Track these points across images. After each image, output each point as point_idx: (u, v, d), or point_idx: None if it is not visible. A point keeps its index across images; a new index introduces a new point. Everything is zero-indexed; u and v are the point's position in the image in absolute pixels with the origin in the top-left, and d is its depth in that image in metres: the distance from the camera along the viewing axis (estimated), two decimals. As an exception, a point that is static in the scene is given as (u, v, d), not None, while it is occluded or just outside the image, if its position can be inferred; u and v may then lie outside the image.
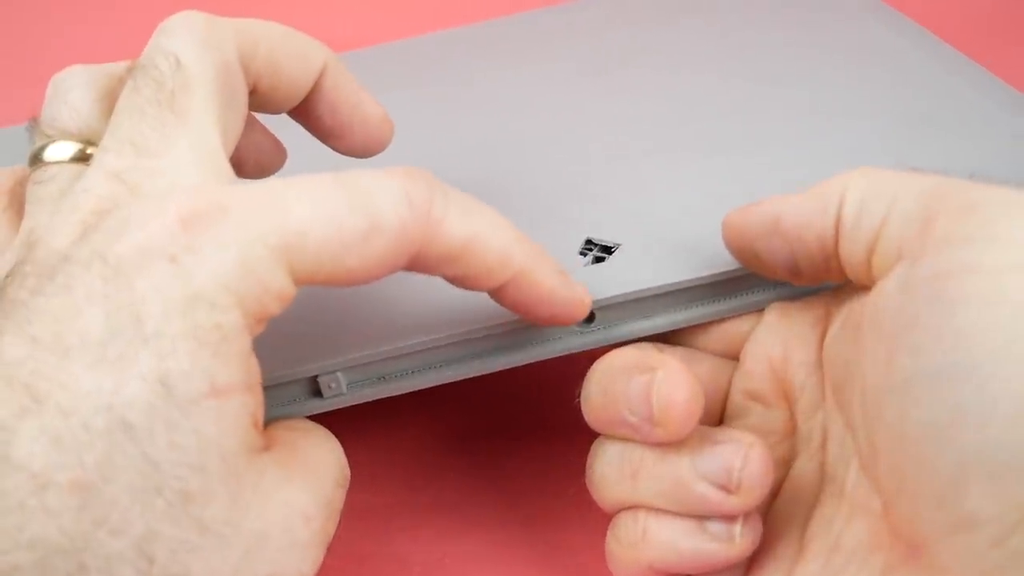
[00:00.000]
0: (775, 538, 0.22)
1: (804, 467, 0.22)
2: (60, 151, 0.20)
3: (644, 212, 0.26)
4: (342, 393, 0.23)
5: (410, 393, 0.24)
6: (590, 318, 0.24)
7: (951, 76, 0.30)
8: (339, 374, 0.23)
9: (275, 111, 0.23)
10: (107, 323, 0.16)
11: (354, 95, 0.24)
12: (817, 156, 0.28)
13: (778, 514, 0.22)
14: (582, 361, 0.23)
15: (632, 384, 0.21)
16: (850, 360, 0.21)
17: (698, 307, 0.24)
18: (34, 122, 0.21)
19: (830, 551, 0.20)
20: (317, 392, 0.23)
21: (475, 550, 0.26)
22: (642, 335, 0.24)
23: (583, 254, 0.25)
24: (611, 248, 0.24)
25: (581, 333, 0.24)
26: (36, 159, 0.20)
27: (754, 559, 0.22)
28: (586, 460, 0.23)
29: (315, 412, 0.23)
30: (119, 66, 0.21)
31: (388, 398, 0.23)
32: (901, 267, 0.19)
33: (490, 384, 0.24)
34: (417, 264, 0.19)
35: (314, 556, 0.18)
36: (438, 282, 0.24)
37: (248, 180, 0.19)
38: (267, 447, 0.19)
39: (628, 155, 0.29)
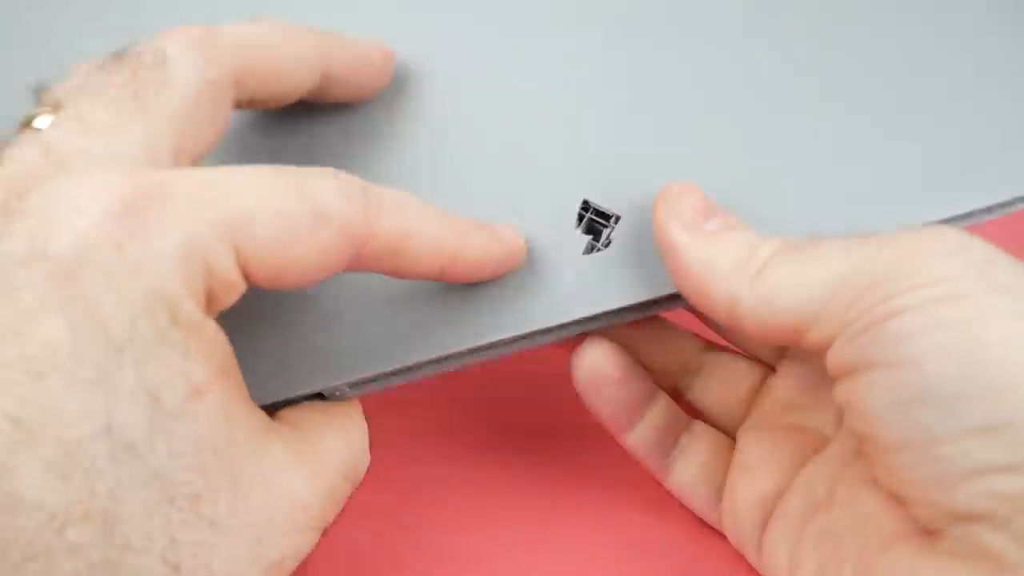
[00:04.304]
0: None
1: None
2: (47, 122, 0.19)
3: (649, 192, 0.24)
4: (345, 394, 0.23)
5: (411, 394, 0.24)
6: None
7: None
8: (343, 385, 0.23)
9: (277, 107, 0.23)
10: (72, 333, 0.16)
11: (359, 64, 0.23)
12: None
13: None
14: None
15: None
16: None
17: None
18: (43, 89, 0.20)
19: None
20: (319, 394, 0.23)
21: (475, 550, 0.27)
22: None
23: (580, 217, 0.24)
24: (608, 216, 0.24)
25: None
26: (26, 125, 0.19)
27: None
28: (588, 460, 0.23)
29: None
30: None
31: (388, 401, 0.23)
32: (840, 339, 0.19)
33: (491, 384, 0.24)
34: (359, 261, 0.19)
35: (312, 538, 0.19)
36: (439, 297, 0.23)
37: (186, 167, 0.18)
38: (272, 424, 0.19)
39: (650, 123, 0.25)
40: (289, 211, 0.17)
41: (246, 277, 0.18)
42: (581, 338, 0.24)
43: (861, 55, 0.25)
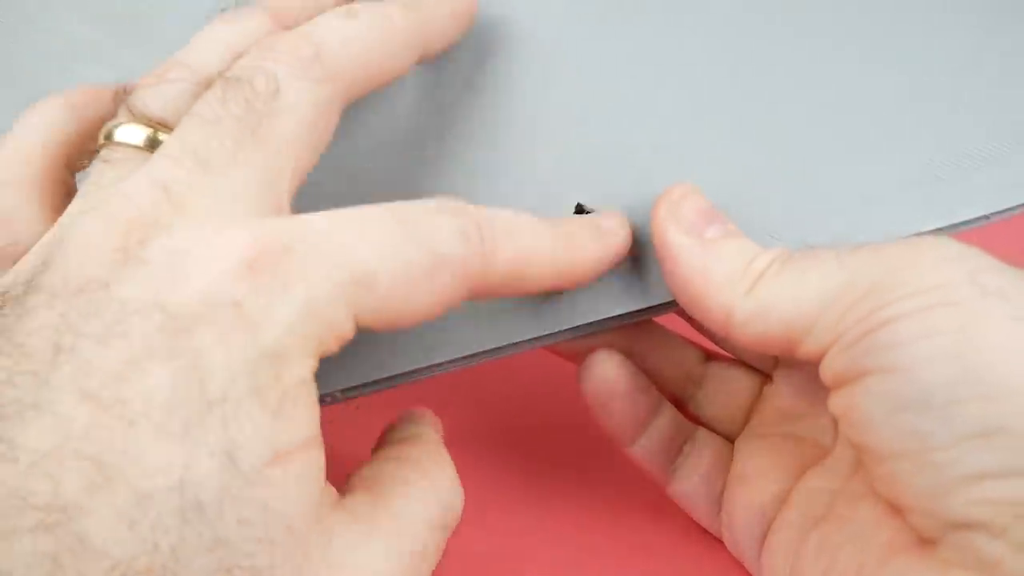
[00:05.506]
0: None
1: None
2: (131, 135, 0.18)
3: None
4: (338, 399, 0.23)
5: (411, 394, 0.23)
6: None
7: None
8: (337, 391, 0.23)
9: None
10: (171, 385, 0.15)
11: (451, 32, 0.23)
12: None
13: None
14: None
15: None
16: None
17: None
18: (123, 93, 0.19)
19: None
20: None
21: (475, 550, 0.26)
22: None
23: None
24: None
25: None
26: (108, 136, 0.19)
27: None
28: (588, 460, 0.23)
29: None
30: (215, 68, 0.20)
31: (388, 401, 0.23)
32: (836, 347, 0.19)
33: (491, 384, 0.24)
34: (473, 294, 0.19)
35: None
36: None
37: (304, 214, 0.18)
38: (340, 500, 0.18)
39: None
40: (409, 262, 0.17)
41: (357, 325, 0.17)
42: (584, 342, 0.24)
43: (861, 57, 0.25)
